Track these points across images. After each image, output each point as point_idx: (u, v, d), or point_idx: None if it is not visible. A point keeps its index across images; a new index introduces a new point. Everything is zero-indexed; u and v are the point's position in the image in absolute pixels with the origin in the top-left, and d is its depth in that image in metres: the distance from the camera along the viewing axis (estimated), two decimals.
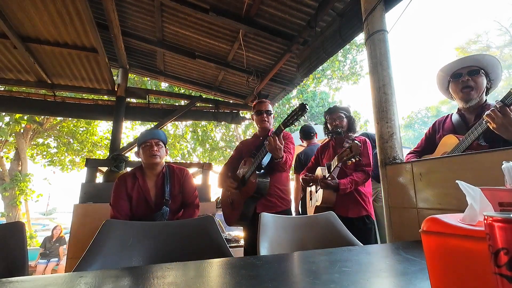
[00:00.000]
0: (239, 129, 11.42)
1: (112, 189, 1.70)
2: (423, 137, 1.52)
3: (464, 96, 1.28)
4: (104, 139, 9.65)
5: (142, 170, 1.75)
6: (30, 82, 3.79)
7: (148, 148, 1.68)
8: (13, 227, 1.00)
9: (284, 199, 1.89)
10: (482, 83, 1.26)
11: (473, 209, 0.38)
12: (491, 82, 1.30)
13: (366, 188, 1.89)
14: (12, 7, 2.42)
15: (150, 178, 1.74)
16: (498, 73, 1.29)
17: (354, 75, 10.37)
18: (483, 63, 1.28)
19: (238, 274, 0.61)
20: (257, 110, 2.00)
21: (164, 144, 1.77)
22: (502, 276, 0.25)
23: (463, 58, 1.32)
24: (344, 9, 2.25)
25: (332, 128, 2.00)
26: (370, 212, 1.83)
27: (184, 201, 1.78)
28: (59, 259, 5.44)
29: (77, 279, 0.57)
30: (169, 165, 1.83)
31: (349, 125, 2.00)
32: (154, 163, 1.69)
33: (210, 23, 2.93)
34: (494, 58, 1.28)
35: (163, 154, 1.73)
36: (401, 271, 0.61)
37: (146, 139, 1.70)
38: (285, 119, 1.63)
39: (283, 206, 1.87)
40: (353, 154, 1.58)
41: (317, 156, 2.15)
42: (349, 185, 1.76)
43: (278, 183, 1.88)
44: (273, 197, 1.85)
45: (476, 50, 18.84)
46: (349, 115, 2.02)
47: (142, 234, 1.04)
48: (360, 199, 1.82)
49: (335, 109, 2.04)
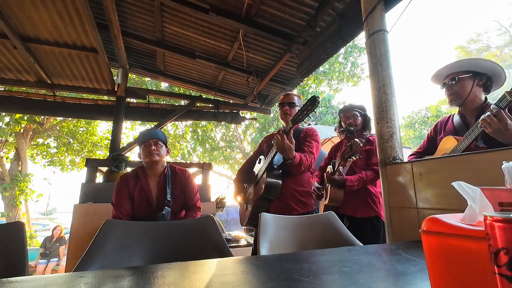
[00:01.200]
0: (239, 129, 11.43)
1: (114, 188, 1.70)
2: (425, 139, 1.53)
3: (448, 100, 1.37)
4: (104, 139, 9.65)
5: (144, 170, 1.75)
6: (30, 82, 3.79)
7: (147, 148, 1.68)
8: (13, 227, 0.99)
9: (302, 202, 1.70)
10: (463, 86, 1.29)
11: (473, 209, 0.38)
12: (483, 78, 1.29)
13: (377, 188, 1.82)
14: (12, 7, 2.42)
15: (152, 178, 1.74)
16: (486, 66, 1.28)
17: (354, 77, 10.38)
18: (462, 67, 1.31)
19: (238, 274, 0.61)
20: (280, 103, 1.86)
21: (164, 143, 1.77)
22: (502, 276, 0.25)
23: (443, 68, 1.36)
24: (344, 9, 2.25)
25: (345, 127, 1.93)
26: (380, 213, 1.75)
27: (185, 203, 1.78)
28: (59, 259, 5.44)
29: (77, 279, 0.57)
30: (171, 166, 1.83)
31: (364, 124, 1.93)
32: (153, 162, 1.69)
33: (210, 23, 2.93)
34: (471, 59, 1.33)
35: (162, 153, 1.73)
36: (401, 271, 0.61)
37: (145, 139, 1.71)
38: (295, 115, 1.50)
39: (300, 210, 1.67)
40: (353, 152, 1.58)
41: (331, 155, 2.11)
42: (356, 182, 1.71)
43: (296, 184, 1.71)
44: (289, 199, 1.68)
45: (476, 49, 18.83)
46: (364, 114, 1.96)
47: (142, 234, 1.04)
48: (370, 200, 1.77)
49: (349, 107, 1.97)
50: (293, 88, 3.92)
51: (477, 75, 1.28)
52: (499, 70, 1.26)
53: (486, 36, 19.45)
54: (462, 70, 1.30)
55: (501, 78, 1.28)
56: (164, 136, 1.78)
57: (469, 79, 1.28)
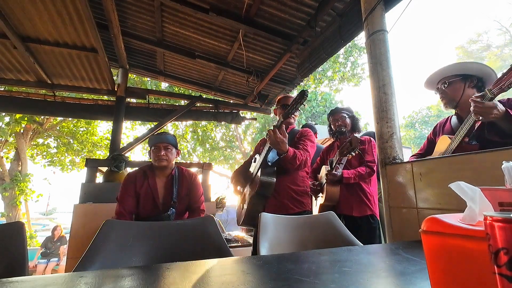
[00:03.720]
0: (239, 129, 11.43)
1: (121, 184, 1.74)
2: (425, 141, 1.55)
3: (442, 103, 1.41)
4: (104, 139, 9.64)
5: (152, 169, 1.78)
6: (30, 82, 3.79)
7: (157, 151, 1.73)
8: (13, 227, 0.99)
9: (298, 201, 1.71)
10: (454, 89, 1.33)
11: (473, 209, 0.38)
12: (475, 79, 1.32)
13: (371, 187, 1.89)
14: (12, 7, 2.42)
15: (160, 178, 1.77)
16: (473, 68, 1.31)
17: (355, 76, 10.38)
18: (449, 72, 1.35)
19: (238, 274, 0.61)
20: (278, 104, 1.91)
21: (175, 146, 1.81)
22: (502, 276, 0.25)
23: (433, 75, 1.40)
24: (344, 9, 2.25)
25: (336, 129, 2.01)
26: (375, 212, 1.82)
27: (190, 205, 1.81)
28: (59, 259, 5.44)
29: (77, 279, 0.57)
30: (179, 167, 1.86)
31: (353, 125, 2.02)
32: (161, 166, 1.74)
33: (210, 23, 2.93)
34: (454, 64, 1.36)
35: (171, 157, 1.77)
36: (401, 271, 0.61)
37: (156, 142, 1.75)
38: (286, 110, 1.54)
39: (296, 209, 1.68)
40: (352, 147, 1.59)
41: (323, 157, 2.17)
42: (352, 176, 1.76)
43: (292, 182, 1.72)
44: (285, 198, 1.69)
45: (476, 49, 18.85)
46: (352, 115, 2.04)
47: (142, 234, 1.04)
48: (365, 198, 1.82)
49: (337, 110, 2.06)
50: (293, 88, 3.92)
51: (467, 78, 1.32)
52: (488, 70, 1.30)
53: (486, 36, 19.46)
54: (452, 74, 1.35)
55: (492, 77, 1.31)
56: (174, 140, 1.82)
57: (460, 82, 1.32)
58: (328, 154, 2.11)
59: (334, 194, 1.81)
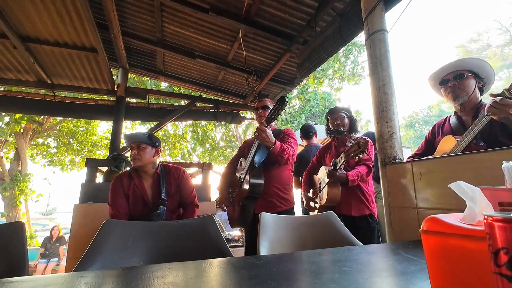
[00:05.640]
0: (239, 129, 11.42)
1: (109, 188, 1.72)
2: (423, 141, 1.53)
3: (452, 95, 1.33)
4: (104, 139, 9.64)
5: (137, 171, 1.77)
6: (30, 82, 3.79)
7: (131, 153, 1.72)
8: (13, 227, 1.00)
9: (284, 199, 1.81)
10: (469, 84, 1.30)
11: (473, 209, 0.38)
12: (482, 81, 1.32)
13: (369, 187, 1.89)
14: (12, 7, 2.42)
15: (145, 178, 1.76)
16: (486, 71, 1.30)
17: (355, 75, 10.37)
18: (467, 66, 1.31)
19: (238, 274, 0.61)
20: (255, 108, 2.00)
21: (150, 144, 1.73)
22: (502, 275, 0.25)
23: (447, 65, 1.35)
24: (344, 9, 2.25)
25: (333, 128, 2.00)
26: (373, 211, 1.83)
27: (183, 201, 1.80)
28: (59, 259, 5.44)
29: (77, 279, 0.57)
30: (165, 165, 1.85)
31: (351, 125, 2.00)
32: (136, 166, 1.73)
33: (210, 23, 2.93)
34: (476, 59, 1.32)
35: (145, 156, 1.70)
36: (401, 271, 0.61)
37: (128, 144, 1.75)
38: (268, 115, 1.62)
39: (283, 206, 1.79)
40: (361, 149, 1.58)
41: (319, 156, 2.15)
42: (356, 177, 1.77)
43: (277, 182, 1.82)
44: (273, 197, 1.79)
45: (476, 48, 18.86)
46: (350, 115, 2.03)
47: (142, 234, 1.04)
48: (364, 198, 1.82)
49: (335, 109, 2.05)
50: (293, 88, 3.92)
51: (478, 77, 1.31)
52: (492, 78, 1.31)
53: (486, 35, 19.46)
54: (468, 69, 1.31)
55: (491, 83, 1.32)
56: (146, 138, 1.73)
57: (473, 79, 1.31)
58: (324, 154, 2.10)
59: (335, 196, 1.80)
